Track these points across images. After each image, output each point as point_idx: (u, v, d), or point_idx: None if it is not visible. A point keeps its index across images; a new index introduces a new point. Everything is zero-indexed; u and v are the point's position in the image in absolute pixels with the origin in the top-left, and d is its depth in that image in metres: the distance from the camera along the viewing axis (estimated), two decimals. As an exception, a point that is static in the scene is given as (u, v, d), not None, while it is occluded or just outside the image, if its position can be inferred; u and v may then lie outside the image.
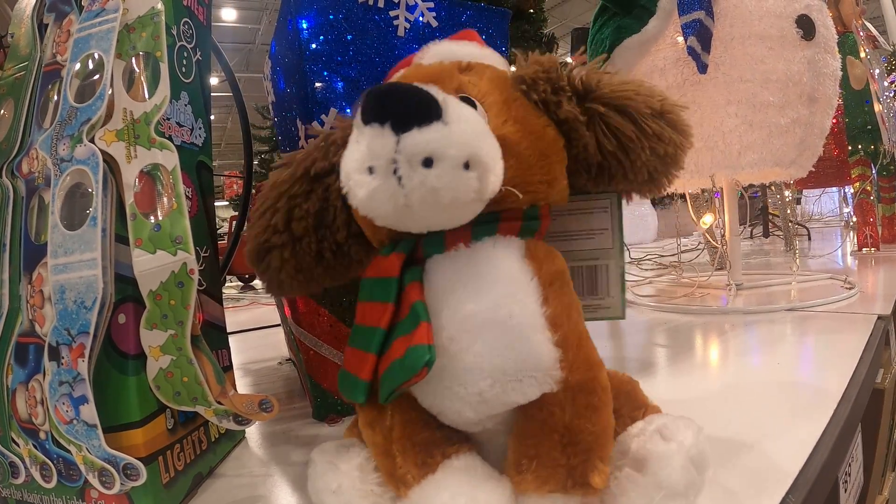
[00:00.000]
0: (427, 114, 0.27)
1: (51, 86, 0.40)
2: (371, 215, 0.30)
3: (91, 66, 0.37)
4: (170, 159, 0.36)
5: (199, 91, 0.44)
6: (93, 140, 0.36)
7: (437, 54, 0.38)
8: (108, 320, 0.35)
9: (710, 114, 0.83)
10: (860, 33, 1.39)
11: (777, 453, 0.39)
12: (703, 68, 0.78)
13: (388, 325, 0.31)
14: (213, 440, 0.44)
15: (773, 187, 1.92)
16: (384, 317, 0.31)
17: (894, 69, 1.67)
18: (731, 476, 0.36)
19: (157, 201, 0.36)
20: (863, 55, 1.38)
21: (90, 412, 0.33)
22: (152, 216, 0.36)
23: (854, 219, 1.56)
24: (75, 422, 0.33)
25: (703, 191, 1.09)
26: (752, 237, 2.33)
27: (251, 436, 0.52)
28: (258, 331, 1.08)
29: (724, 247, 0.99)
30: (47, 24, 0.42)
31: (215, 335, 0.46)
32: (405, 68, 0.39)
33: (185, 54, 0.42)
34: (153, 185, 0.36)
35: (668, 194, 1.00)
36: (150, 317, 0.35)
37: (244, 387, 0.70)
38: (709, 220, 1.08)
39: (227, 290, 1.99)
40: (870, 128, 1.43)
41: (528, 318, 0.30)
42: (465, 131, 0.28)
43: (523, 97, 0.34)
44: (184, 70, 0.42)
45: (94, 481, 0.34)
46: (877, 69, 1.42)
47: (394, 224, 0.30)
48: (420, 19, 0.52)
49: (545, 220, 0.35)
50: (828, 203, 2.95)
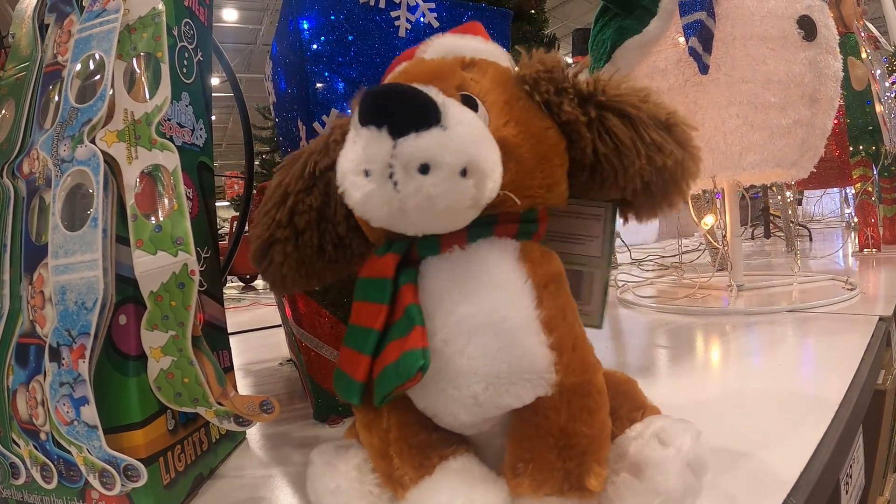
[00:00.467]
0: (425, 118, 0.27)
1: (52, 86, 0.40)
2: (366, 217, 0.30)
3: (92, 67, 0.37)
4: (171, 160, 0.36)
5: (200, 92, 0.44)
6: (94, 141, 0.36)
7: (440, 48, 0.37)
8: (109, 321, 0.35)
9: (711, 115, 0.83)
10: (861, 34, 1.39)
11: (778, 455, 0.39)
12: (704, 69, 0.78)
13: (383, 326, 0.31)
14: (213, 441, 0.44)
15: (774, 188, 1.91)
16: (379, 318, 0.31)
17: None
18: (731, 479, 0.36)
19: (158, 202, 0.36)
20: (864, 56, 1.38)
21: (91, 413, 0.33)
22: (153, 217, 0.36)
23: (855, 220, 1.56)
24: (76, 423, 0.33)
25: (704, 191, 1.09)
26: (753, 238, 2.33)
27: (252, 437, 0.52)
28: (259, 331, 1.08)
29: (726, 248, 0.99)
30: (48, 25, 0.42)
31: (216, 336, 0.46)
32: (407, 61, 0.37)
33: (186, 55, 0.42)
34: (154, 186, 0.36)
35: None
36: (150, 318, 0.35)
37: (245, 388, 0.70)
38: (710, 220, 1.08)
39: (227, 291, 1.99)
40: (871, 129, 1.43)
41: (522, 321, 0.30)
42: (464, 137, 0.28)
43: (526, 97, 0.34)
44: (185, 71, 0.42)
45: (95, 482, 0.34)
46: (878, 70, 1.42)
47: (388, 226, 0.30)
48: (421, 20, 0.52)
49: (543, 223, 0.35)
50: (829, 204, 2.95)
